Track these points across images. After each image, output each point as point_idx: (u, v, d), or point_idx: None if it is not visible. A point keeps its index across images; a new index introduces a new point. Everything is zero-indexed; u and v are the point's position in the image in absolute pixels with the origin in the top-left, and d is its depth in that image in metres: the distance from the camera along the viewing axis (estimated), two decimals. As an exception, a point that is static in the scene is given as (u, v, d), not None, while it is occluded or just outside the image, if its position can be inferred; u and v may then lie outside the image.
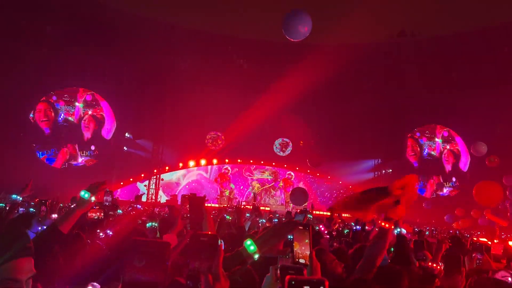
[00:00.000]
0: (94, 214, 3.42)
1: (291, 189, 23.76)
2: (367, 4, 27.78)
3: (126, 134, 26.34)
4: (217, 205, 25.59)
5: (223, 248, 2.51)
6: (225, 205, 23.67)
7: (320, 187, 30.18)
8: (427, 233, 18.38)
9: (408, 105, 27.88)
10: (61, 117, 24.89)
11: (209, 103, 26.30)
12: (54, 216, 3.57)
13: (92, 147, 25.33)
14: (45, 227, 4.20)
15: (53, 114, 24.62)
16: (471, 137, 28.47)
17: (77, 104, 25.25)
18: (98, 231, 3.02)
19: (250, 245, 1.85)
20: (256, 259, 1.86)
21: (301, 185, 28.55)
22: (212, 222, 2.54)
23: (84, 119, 25.35)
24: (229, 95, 26.74)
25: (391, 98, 28.09)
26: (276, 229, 1.92)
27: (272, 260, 2.04)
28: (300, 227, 1.94)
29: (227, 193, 28.68)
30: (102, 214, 3.55)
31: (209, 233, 1.93)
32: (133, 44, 24.34)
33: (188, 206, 2.68)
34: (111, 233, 3.39)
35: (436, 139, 29.17)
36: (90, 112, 25.49)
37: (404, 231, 3.16)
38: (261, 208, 24.62)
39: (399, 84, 28.09)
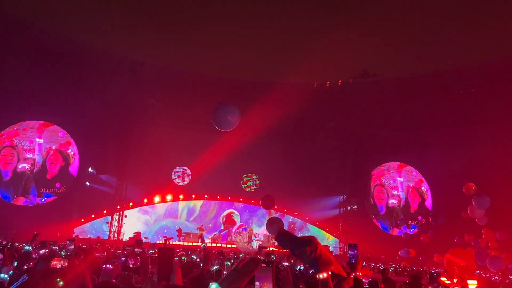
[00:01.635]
0: (57, 263, 3.28)
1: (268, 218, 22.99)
2: (331, 44, 28.85)
3: (89, 169, 25.71)
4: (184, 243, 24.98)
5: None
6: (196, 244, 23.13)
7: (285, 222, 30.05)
8: (391, 269, 18.62)
9: (371, 143, 28.61)
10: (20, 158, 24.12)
11: (175, 138, 26.10)
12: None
13: (57, 185, 24.53)
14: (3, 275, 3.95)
15: (15, 158, 23.97)
16: (432, 175, 29.42)
17: (37, 139, 24.55)
18: (59, 279, 2.89)
19: None
20: None
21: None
22: (180, 275, 2.46)
23: (49, 154, 24.64)
24: (195, 130, 26.65)
25: (355, 136, 28.76)
26: (239, 268, 1.83)
27: None
28: (263, 264, 1.92)
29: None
30: (66, 263, 3.41)
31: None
32: (99, 79, 24.13)
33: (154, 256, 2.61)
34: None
35: (398, 178, 29.88)
36: (54, 147, 24.86)
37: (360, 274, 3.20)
38: (228, 246, 24.34)
39: (362, 123, 28.82)
